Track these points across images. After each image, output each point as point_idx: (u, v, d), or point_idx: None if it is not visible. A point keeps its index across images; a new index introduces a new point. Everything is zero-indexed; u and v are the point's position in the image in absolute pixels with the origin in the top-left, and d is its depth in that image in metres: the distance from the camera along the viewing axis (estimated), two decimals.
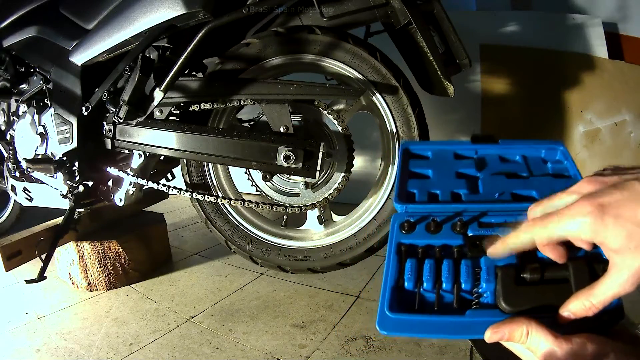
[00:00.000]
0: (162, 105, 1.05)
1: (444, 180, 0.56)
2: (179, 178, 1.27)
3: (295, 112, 1.07)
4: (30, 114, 1.23)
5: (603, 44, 1.86)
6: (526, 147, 0.60)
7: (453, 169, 0.58)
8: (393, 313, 0.40)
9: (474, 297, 0.41)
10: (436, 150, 0.62)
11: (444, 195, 0.53)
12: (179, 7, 0.92)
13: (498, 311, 0.39)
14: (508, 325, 0.36)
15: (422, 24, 0.94)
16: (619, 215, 0.30)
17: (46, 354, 0.96)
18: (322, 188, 1.10)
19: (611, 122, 1.86)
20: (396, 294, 0.42)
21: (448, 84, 0.95)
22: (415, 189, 0.55)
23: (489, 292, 0.40)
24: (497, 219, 0.47)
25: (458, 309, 0.40)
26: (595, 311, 0.33)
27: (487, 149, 0.60)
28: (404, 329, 0.39)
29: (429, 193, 0.54)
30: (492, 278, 0.41)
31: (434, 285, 0.41)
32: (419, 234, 0.47)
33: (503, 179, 0.55)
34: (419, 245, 0.46)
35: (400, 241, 0.46)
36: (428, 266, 0.42)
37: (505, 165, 0.58)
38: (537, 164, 0.57)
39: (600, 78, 1.86)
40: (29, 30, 1.17)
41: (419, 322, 0.39)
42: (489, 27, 1.94)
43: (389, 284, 0.42)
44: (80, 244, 1.27)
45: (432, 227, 0.47)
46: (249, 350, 0.93)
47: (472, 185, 0.55)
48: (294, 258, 1.14)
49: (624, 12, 1.93)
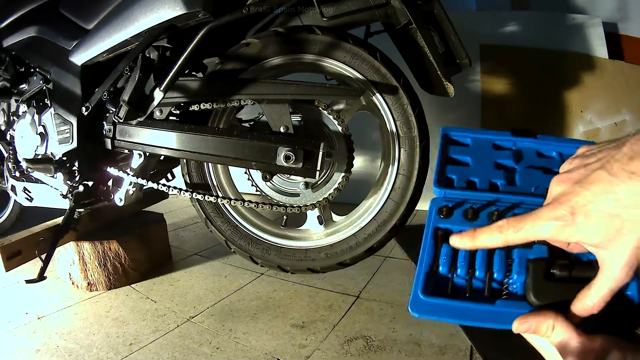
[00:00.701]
0: (162, 105, 1.05)
1: (483, 169, 0.56)
2: (179, 178, 1.27)
3: (295, 112, 1.07)
4: (30, 114, 1.23)
5: (603, 44, 1.86)
6: (562, 144, 0.60)
7: (492, 159, 0.58)
8: (426, 296, 0.40)
9: (503, 287, 0.41)
10: (476, 139, 0.62)
11: (482, 184, 0.54)
12: (179, 7, 0.92)
13: (526, 303, 0.39)
14: (535, 318, 0.36)
15: (422, 24, 0.94)
16: (589, 212, 0.30)
17: (46, 354, 0.96)
18: (322, 188, 1.10)
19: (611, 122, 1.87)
20: (430, 277, 0.42)
21: (448, 84, 0.95)
22: (454, 174, 0.55)
23: (519, 283, 0.41)
24: None
25: (489, 297, 0.40)
26: (598, 308, 0.34)
27: (525, 142, 0.61)
28: (435, 313, 0.40)
29: (468, 180, 0.54)
30: (524, 270, 0.41)
31: (467, 272, 0.42)
32: (456, 220, 0.47)
33: (540, 173, 0.55)
34: (455, 231, 0.46)
35: (438, 225, 0.47)
36: (463, 253, 0.43)
37: (542, 160, 0.58)
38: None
39: (600, 78, 1.86)
40: (29, 30, 1.17)
41: (450, 307, 0.40)
42: (489, 27, 1.94)
43: (424, 268, 0.43)
44: (80, 244, 1.27)
45: (469, 214, 0.47)
46: (249, 350, 0.93)
47: (510, 176, 0.55)
48: (294, 258, 1.14)
49: (624, 12, 1.93)
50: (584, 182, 0.31)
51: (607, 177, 0.29)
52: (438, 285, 0.42)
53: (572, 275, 0.40)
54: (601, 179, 0.30)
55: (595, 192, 0.30)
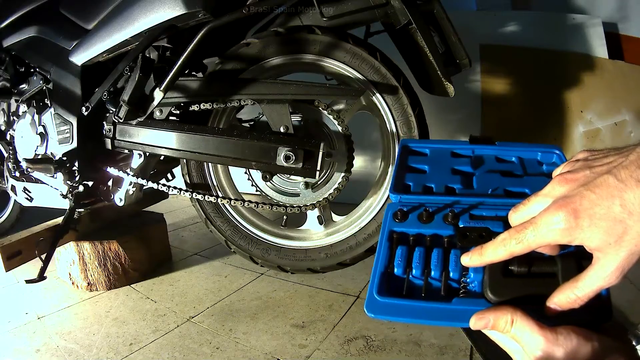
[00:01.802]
0: (162, 105, 1.05)
1: (440, 175, 0.57)
2: (179, 178, 1.27)
3: (295, 112, 1.07)
4: (30, 114, 1.23)
5: (603, 44, 1.86)
6: (523, 150, 0.61)
7: (449, 166, 0.59)
8: (381, 297, 0.41)
9: (461, 287, 0.42)
10: (434, 149, 0.63)
11: (438, 188, 0.55)
12: (179, 7, 0.92)
13: (484, 300, 0.40)
14: (493, 313, 0.36)
15: (422, 24, 0.94)
16: (593, 215, 0.30)
17: (46, 354, 0.96)
18: (322, 188, 1.10)
19: (611, 122, 1.86)
20: (385, 279, 0.43)
21: (448, 84, 0.95)
22: (411, 181, 0.56)
23: (477, 282, 0.41)
24: (489, 212, 0.48)
25: (445, 296, 0.41)
26: (580, 303, 0.34)
27: (484, 149, 0.62)
28: (391, 313, 0.40)
29: (424, 186, 0.55)
30: (480, 268, 0.41)
31: (422, 272, 0.42)
32: (411, 223, 0.48)
33: (498, 177, 0.56)
34: (410, 233, 0.47)
35: (392, 229, 0.48)
36: (418, 254, 0.44)
37: (501, 164, 0.59)
38: (533, 165, 0.58)
39: (600, 78, 1.86)
40: (29, 30, 1.17)
41: (406, 307, 0.40)
42: (489, 27, 1.94)
43: (379, 269, 0.43)
44: (80, 244, 1.27)
45: (424, 216, 0.48)
46: (249, 350, 0.93)
47: (467, 181, 0.56)
48: (294, 258, 1.14)
49: (624, 12, 1.92)
50: (590, 185, 0.31)
51: (615, 183, 0.29)
52: (393, 286, 0.42)
53: (532, 271, 0.40)
54: (608, 184, 0.30)
55: (601, 196, 0.30)
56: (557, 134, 1.90)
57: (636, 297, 1.03)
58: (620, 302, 0.99)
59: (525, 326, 0.34)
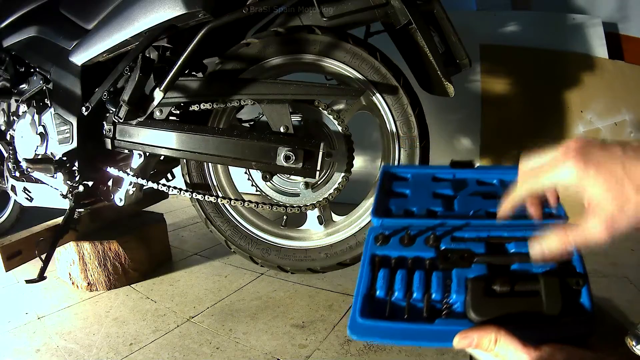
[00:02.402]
0: (162, 105, 1.05)
1: (421, 198, 0.57)
2: (179, 178, 1.27)
3: (295, 112, 1.07)
4: (30, 114, 1.23)
5: (603, 44, 1.86)
6: (503, 172, 0.61)
7: (431, 190, 0.59)
8: (363, 319, 0.41)
9: (444, 307, 0.42)
10: (415, 173, 0.64)
11: (420, 212, 0.55)
12: (179, 7, 0.92)
13: (467, 321, 0.40)
14: (476, 332, 0.36)
15: (422, 24, 0.94)
16: (600, 166, 0.33)
17: (46, 354, 0.96)
18: (322, 188, 1.10)
19: (611, 122, 1.86)
20: (368, 301, 0.43)
21: (448, 84, 0.95)
22: (393, 205, 0.57)
23: (459, 302, 0.42)
24: (470, 234, 0.48)
25: (427, 317, 0.41)
26: (568, 249, 0.35)
27: (464, 173, 0.62)
28: (374, 334, 0.41)
29: (406, 210, 0.56)
30: (463, 289, 0.42)
31: (404, 294, 0.43)
32: (393, 246, 0.49)
33: (479, 199, 0.56)
34: (392, 256, 0.47)
35: (374, 252, 0.48)
36: (400, 276, 0.44)
37: (482, 187, 0.60)
38: None
39: (600, 78, 1.86)
40: (29, 30, 1.17)
41: (388, 329, 0.41)
42: (489, 27, 1.94)
43: (362, 292, 0.44)
44: (80, 244, 1.27)
45: (405, 240, 0.48)
46: (249, 350, 0.93)
47: (448, 204, 0.56)
48: (294, 258, 1.14)
49: (624, 12, 1.92)
50: (602, 147, 0.34)
51: (620, 152, 0.33)
52: (376, 309, 0.43)
53: (515, 290, 0.41)
54: (615, 152, 0.33)
55: (609, 157, 0.33)
56: (557, 134, 1.90)
57: (636, 297, 1.03)
58: (620, 302, 0.99)
59: (509, 344, 0.34)
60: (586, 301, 0.41)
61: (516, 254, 0.46)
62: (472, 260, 0.45)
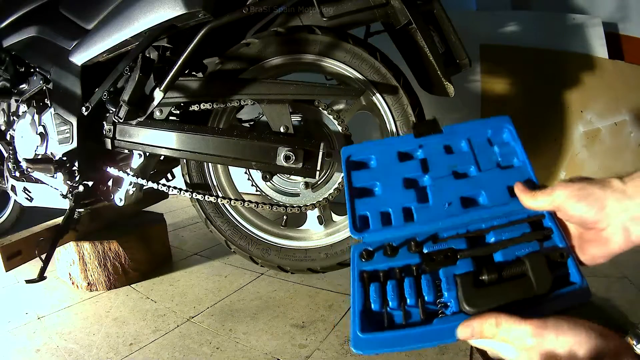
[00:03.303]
0: (162, 105, 1.05)
1: (393, 194, 0.56)
2: (179, 178, 1.27)
3: (295, 112, 1.07)
4: (30, 114, 1.23)
5: (603, 44, 1.85)
6: (471, 130, 0.59)
7: (399, 176, 0.57)
8: (364, 334, 0.43)
9: (439, 308, 0.43)
10: (379, 154, 0.60)
11: (395, 214, 0.55)
12: (179, 7, 0.92)
13: (463, 315, 0.41)
14: (477, 320, 0.37)
15: (422, 24, 0.94)
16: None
17: (46, 354, 0.96)
18: (322, 188, 1.10)
19: (611, 122, 1.86)
20: (365, 316, 0.45)
21: (448, 84, 0.95)
22: (366, 210, 0.56)
23: (452, 300, 0.43)
24: (450, 232, 0.50)
25: (425, 319, 0.43)
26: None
27: (431, 140, 0.59)
28: (377, 346, 0.42)
29: (381, 213, 0.55)
30: (453, 286, 0.43)
31: (399, 303, 0.44)
32: (378, 260, 0.50)
33: (451, 182, 0.55)
34: (380, 269, 0.49)
35: (362, 269, 0.50)
36: (390, 287, 0.45)
37: (451, 159, 0.57)
38: (484, 151, 0.57)
39: (600, 78, 1.86)
40: (29, 30, 1.17)
41: (390, 338, 0.42)
42: (489, 27, 1.94)
43: (357, 308, 0.46)
44: (80, 244, 1.27)
45: (389, 251, 0.50)
46: (249, 350, 0.93)
47: (421, 194, 0.55)
48: (294, 258, 1.14)
49: (624, 12, 1.92)
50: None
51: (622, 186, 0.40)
52: (374, 321, 0.44)
53: (503, 276, 0.42)
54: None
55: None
56: (557, 134, 1.90)
57: (636, 297, 1.03)
58: (620, 302, 0.99)
59: (510, 323, 0.35)
60: (574, 272, 0.42)
61: (497, 242, 0.47)
62: (456, 257, 0.46)
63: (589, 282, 0.41)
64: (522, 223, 0.47)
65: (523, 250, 0.44)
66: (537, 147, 1.89)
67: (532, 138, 1.89)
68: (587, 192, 0.41)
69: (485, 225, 0.49)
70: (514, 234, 0.46)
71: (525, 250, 0.44)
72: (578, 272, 0.42)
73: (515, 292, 0.40)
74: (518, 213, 0.49)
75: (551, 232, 0.45)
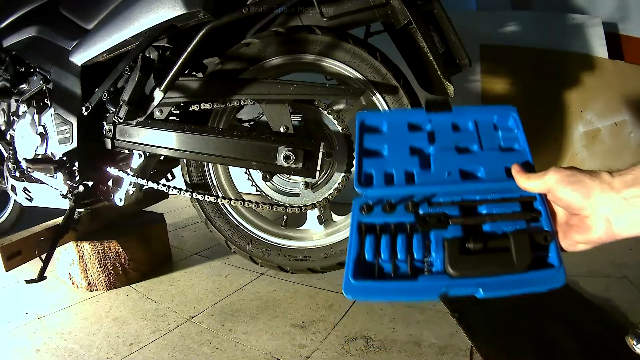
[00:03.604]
0: (162, 105, 1.05)
1: (398, 157, 0.60)
2: (179, 178, 1.27)
3: (295, 112, 1.07)
4: (30, 114, 1.23)
5: (603, 44, 1.86)
6: (479, 113, 0.63)
7: (407, 143, 0.61)
8: (356, 280, 0.47)
9: (425, 266, 0.47)
10: (391, 122, 0.64)
11: (398, 175, 0.58)
12: (179, 7, 0.92)
13: (446, 276, 0.46)
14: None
15: (422, 24, 0.94)
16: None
17: (46, 354, 0.96)
18: (322, 188, 1.10)
19: (611, 122, 1.86)
20: (358, 264, 0.48)
21: (448, 84, 0.95)
22: (372, 168, 0.59)
23: (439, 260, 0.47)
24: (445, 199, 0.53)
25: (411, 275, 0.47)
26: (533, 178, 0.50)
27: (440, 116, 0.63)
28: (366, 294, 0.47)
29: (385, 174, 0.59)
30: (440, 249, 0.47)
31: (390, 256, 0.48)
32: (377, 214, 0.53)
33: (453, 155, 0.59)
34: (377, 223, 0.52)
35: (361, 220, 0.53)
36: (385, 241, 0.49)
37: (457, 135, 0.61)
38: (489, 133, 0.61)
39: (600, 78, 1.86)
40: (29, 30, 1.17)
41: (378, 287, 0.47)
42: (489, 27, 1.94)
43: (352, 257, 0.49)
44: (80, 244, 1.27)
45: (387, 208, 0.53)
46: (249, 350, 0.93)
47: (424, 162, 0.59)
48: (294, 258, 1.14)
49: (624, 12, 1.92)
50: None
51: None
52: (366, 270, 0.48)
53: (487, 247, 0.46)
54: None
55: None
56: (557, 134, 1.90)
57: (636, 297, 1.03)
58: (620, 302, 0.99)
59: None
60: (554, 256, 0.46)
61: (487, 214, 0.50)
62: (448, 222, 0.50)
63: (589, 281, 0.42)
64: (514, 202, 0.51)
65: (510, 227, 0.48)
66: (537, 147, 1.89)
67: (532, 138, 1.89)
68: (576, 178, 0.44)
69: (480, 198, 0.52)
70: (504, 210, 0.50)
71: (512, 227, 0.48)
72: (557, 257, 0.45)
73: (496, 265, 0.44)
74: (512, 192, 0.52)
75: (540, 215, 0.49)
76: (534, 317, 0.94)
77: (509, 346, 0.85)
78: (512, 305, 0.97)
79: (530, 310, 0.95)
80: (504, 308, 0.96)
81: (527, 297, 0.44)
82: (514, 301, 0.92)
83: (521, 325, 0.93)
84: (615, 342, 0.80)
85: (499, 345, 0.85)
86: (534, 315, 0.94)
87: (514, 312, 0.95)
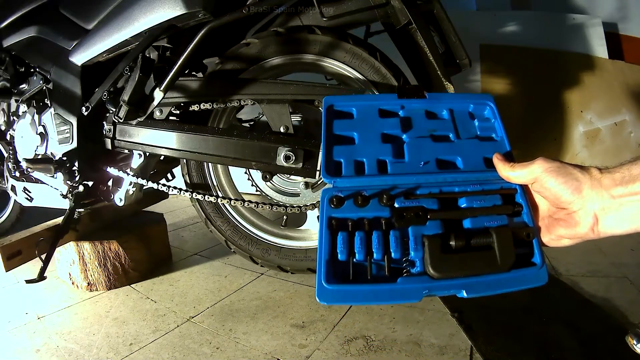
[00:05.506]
0: (162, 105, 1.04)
1: (369, 145, 0.55)
2: (179, 178, 1.27)
3: (295, 112, 1.07)
4: (30, 114, 1.23)
5: (603, 44, 1.86)
6: (454, 101, 0.59)
7: (378, 130, 0.57)
8: (329, 284, 0.42)
9: (404, 266, 0.44)
10: (361, 107, 0.60)
11: (370, 164, 0.53)
12: (179, 7, 0.92)
13: (427, 277, 0.42)
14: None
15: (422, 24, 0.94)
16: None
17: (46, 354, 0.96)
18: (322, 188, 1.10)
19: (611, 122, 1.86)
20: (331, 266, 0.44)
21: (448, 83, 0.95)
22: (342, 157, 0.55)
23: (418, 260, 0.43)
24: (422, 191, 0.49)
25: (389, 277, 0.43)
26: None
27: (413, 103, 0.59)
28: (342, 299, 0.42)
29: (356, 162, 0.54)
30: (420, 247, 0.44)
31: (365, 256, 0.44)
32: (348, 208, 0.48)
33: (429, 143, 0.55)
34: (349, 218, 0.47)
35: (331, 215, 0.48)
36: (358, 238, 0.45)
37: (432, 123, 0.57)
38: (465, 122, 0.57)
39: (600, 78, 1.86)
40: (29, 30, 1.17)
41: (355, 291, 0.42)
42: (489, 27, 1.94)
43: (324, 257, 0.44)
44: (80, 244, 1.27)
45: (359, 201, 0.48)
46: (249, 350, 0.93)
47: (398, 150, 0.55)
48: (294, 258, 1.14)
49: (624, 12, 1.92)
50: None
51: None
52: (340, 272, 0.44)
53: (470, 244, 0.43)
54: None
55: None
56: (557, 134, 1.90)
57: (636, 297, 1.03)
58: (620, 302, 0.99)
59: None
60: (537, 253, 0.43)
61: (468, 208, 0.47)
62: (427, 217, 0.46)
63: (589, 281, 0.41)
64: (495, 194, 0.47)
65: (492, 222, 0.45)
66: (537, 147, 1.89)
67: (532, 138, 1.89)
68: (567, 171, 0.43)
69: (459, 189, 0.49)
70: (485, 204, 0.47)
71: (493, 222, 0.45)
72: (540, 255, 0.43)
73: (479, 265, 0.42)
74: (491, 183, 0.49)
75: (521, 209, 0.46)
76: (534, 317, 0.94)
77: (509, 346, 0.85)
78: (512, 306, 0.97)
79: (530, 310, 0.95)
80: (504, 308, 0.96)
81: (527, 297, 0.43)
82: (514, 301, 0.92)
83: (521, 325, 0.93)
84: (615, 342, 0.80)
85: (499, 345, 0.85)
86: (534, 315, 0.94)
87: (514, 312, 0.95)
